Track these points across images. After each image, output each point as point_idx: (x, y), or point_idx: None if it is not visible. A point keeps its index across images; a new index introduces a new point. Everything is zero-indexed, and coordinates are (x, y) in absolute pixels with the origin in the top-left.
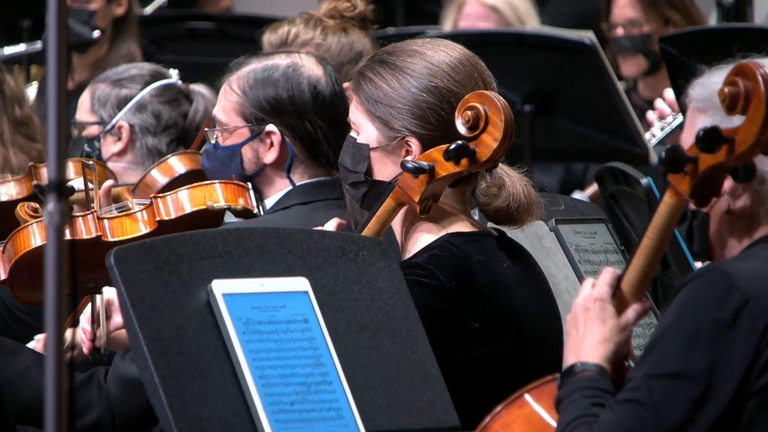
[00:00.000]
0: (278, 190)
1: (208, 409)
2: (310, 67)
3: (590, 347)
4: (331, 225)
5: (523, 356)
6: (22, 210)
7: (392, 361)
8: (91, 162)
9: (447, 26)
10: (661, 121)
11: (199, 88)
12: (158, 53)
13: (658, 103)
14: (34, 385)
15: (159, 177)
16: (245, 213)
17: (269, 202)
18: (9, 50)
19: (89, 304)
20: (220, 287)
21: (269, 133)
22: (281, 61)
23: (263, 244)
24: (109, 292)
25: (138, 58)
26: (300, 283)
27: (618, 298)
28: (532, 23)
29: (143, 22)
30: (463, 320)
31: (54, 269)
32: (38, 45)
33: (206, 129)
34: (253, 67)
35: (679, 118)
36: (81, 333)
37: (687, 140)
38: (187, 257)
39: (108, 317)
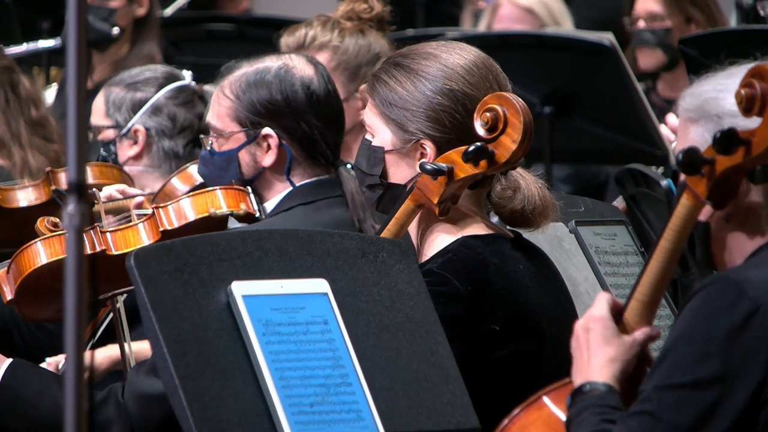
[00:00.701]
0: (278, 192)
1: (228, 411)
2: (302, 68)
3: (597, 367)
4: None
5: (542, 358)
6: (42, 225)
7: (412, 362)
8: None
9: (480, 28)
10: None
11: (213, 89)
12: (177, 54)
13: (671, 119)
14: (53, 403)
15: (179, 185)
16: (248, 218)
17: (270, 204)
18: (28, 47)
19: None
20: (240, 289)
21: (266, 137)
22: (272, 63)
23: (283, 245)
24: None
25: (158, 59)
26: (319, 285)
27: (630, 312)
28: (567, 24)
29: (163, 24)
30: (482, 323)
31: (74, 272)
32: (58, 41)
33: (201, 136)
34: (245, 70)
35: None
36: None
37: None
38: (207, 259)
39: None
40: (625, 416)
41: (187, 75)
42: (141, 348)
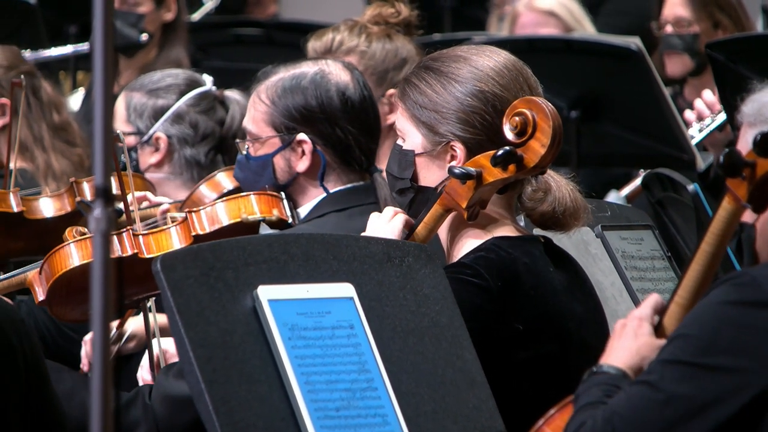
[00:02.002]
0: (312, 198)
1: (254, 415)
2: (338, 74)
3: (618, 355)
4: (399, 219)
5: (567, 361)
6: (70, 234)
7: (437, 367)
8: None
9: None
10: (700, 122)
11: (234, 95)
12: (205, 59)
13: (697, 103)
14: (81, 404)
15: (208, 193)
16: (280, 224)
17: (303, 210)
18: (57, 51)
19: (147, 354)
20: (266, 293)
21: (300, 142)
22: (308, 68)
23: (309, 250)
24: (166, 343)
25: (186, 64)
26: (345, 289)
27: (669, 315)
28: (588, 25)
29: (191, 29)
30: (508, 322)
31: (101, 276)
32: (86, 46)
33: (237, 140)
34: (281, 76)
35: (719, 119)
36: (141, 382)
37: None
38: (233, 263)
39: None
40: (627, 384)
41: (207, 80)
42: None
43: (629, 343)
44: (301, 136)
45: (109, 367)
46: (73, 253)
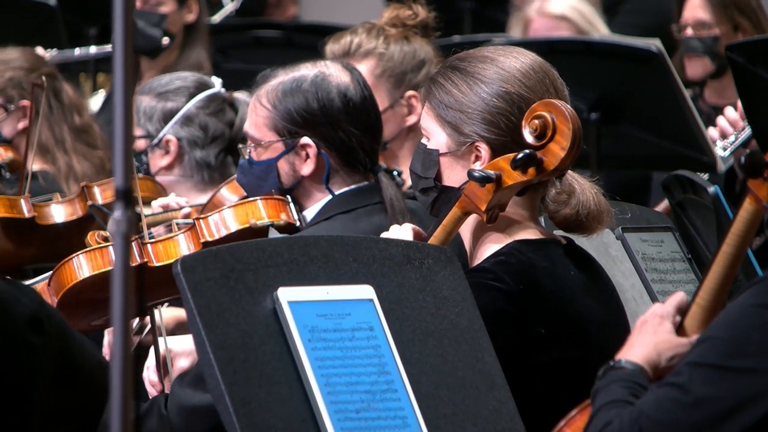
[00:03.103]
0: (318, 200)
1: (274, 417)
2: (338, 75)
3: (637, 351)
4: (406, 229)
5: (588, 364)
6: (92, 239)
7: (457, 369)
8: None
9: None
10: (723, 140)
11: (243, 97)
12: (225, 61)
13: (720, 121)
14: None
15: (228, 195)
16: (288, 228)
17: (309, 213)
18: (79, 53)
19: (152, 351)
20: (286, 295)
21: (304, 146)
22: (308, 71)
23: (328, 251)
24: (172, 342)
25: (206, 66)
26: (365, 291)
27: (690, 316)
28: (602, 27)
29: (211, 31)
30: (529, 325)
31: (121, 279)
32: (109, 48)
33: (240, 145)
34: (281, 79)
35: (747, 131)
36: (148, 383)
37: None
38: (253, 265)
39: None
40: (654, 386)
41: (216, 82)
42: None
43: (648, 338)
44: (305, 139)
45: (129, 375)
46: (84, 265)
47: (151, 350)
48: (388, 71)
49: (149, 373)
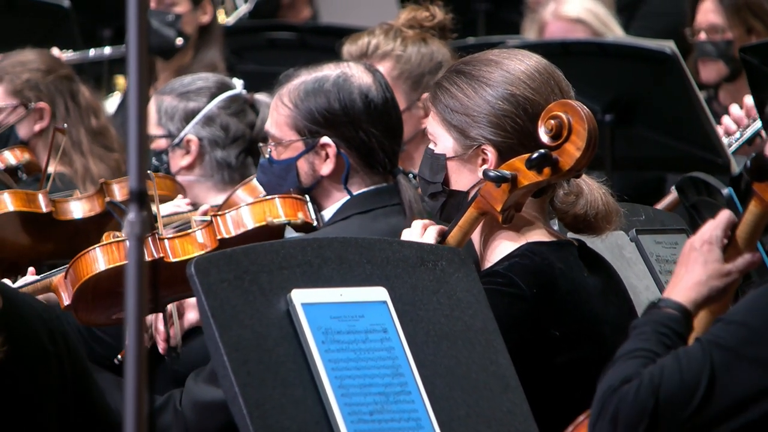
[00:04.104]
0: (336, 200)
1: (288, 419)
2: (360, 76)
3: (683, 288)
4: (431, 232)
5: (603, 366)
6: (108, 239)
7: (471, 371)
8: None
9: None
10: (730, 136)
11: (264, 98)
12: (239, 63)
13: (734, 109)
14: (115, 408)
15: (245, 197)
16: (305, 227)
17: (327, 213)
18: (94, 53)
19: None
20: (300, 297)
21: (324, 146)
22: (330, 71)
23: (342, 253)
24: None
25: (221, 68)
26: (379, 293)
27: (732, 248)
28: (617, 29)
29: (225, 32)
30: (544, 328)
31: (135, 280)
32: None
33: (260, 144)
34: (303, 79)
35: (756, 125)
36: (155, 334)
37: None
38: (267, 267)
39: (180, 315)
40: (677, 353)
41: (238, 84)
42: None
43: (697, 272)
44: (325, 139)
45: (144, 372)
46: (99, 258)
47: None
48: (405, 73)
49: (156, 322)
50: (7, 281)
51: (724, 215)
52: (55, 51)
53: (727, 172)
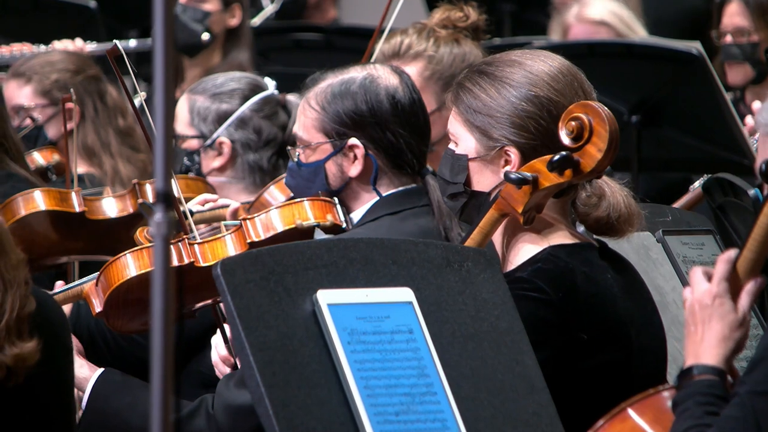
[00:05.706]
0: (365, 202)
1: (314, 419)
2: (387, 77)
3: (709, 347)
4: None
5: (629, 368)
6: (141, 235)
7: (497, 372)
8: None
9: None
10: (751, 137)
11: (296, 99)
12: (266, 64)
13: (749, 119)
14: (144, 413)
15: (277, 195)
16: (334, 229)
17: (356, 215)
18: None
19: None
20: (325, 297)
21: (352, 147)
22: (357, 73)
23: (368, 254)
24: None
25: (249, 69)
26: (404, 294)
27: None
28: (640, 30)
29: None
30: (571, 332)
31: (161, 281)
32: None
33: (288, 147)
34: (330, 81)
35: None
36: (216, 358)
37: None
38: (293, 267)
39: None
40: (718, 420)
41: (270, 84)
42: None
43: (717, 329)
44: (353, 141)
45: (170, 377)
46: (130, 264)
47: (214, 338)
48: (437, 74)
49: (219, 346)
50: (60, 283)
51: (722, 263)
52: (78, 42)
53: (753, 173)
